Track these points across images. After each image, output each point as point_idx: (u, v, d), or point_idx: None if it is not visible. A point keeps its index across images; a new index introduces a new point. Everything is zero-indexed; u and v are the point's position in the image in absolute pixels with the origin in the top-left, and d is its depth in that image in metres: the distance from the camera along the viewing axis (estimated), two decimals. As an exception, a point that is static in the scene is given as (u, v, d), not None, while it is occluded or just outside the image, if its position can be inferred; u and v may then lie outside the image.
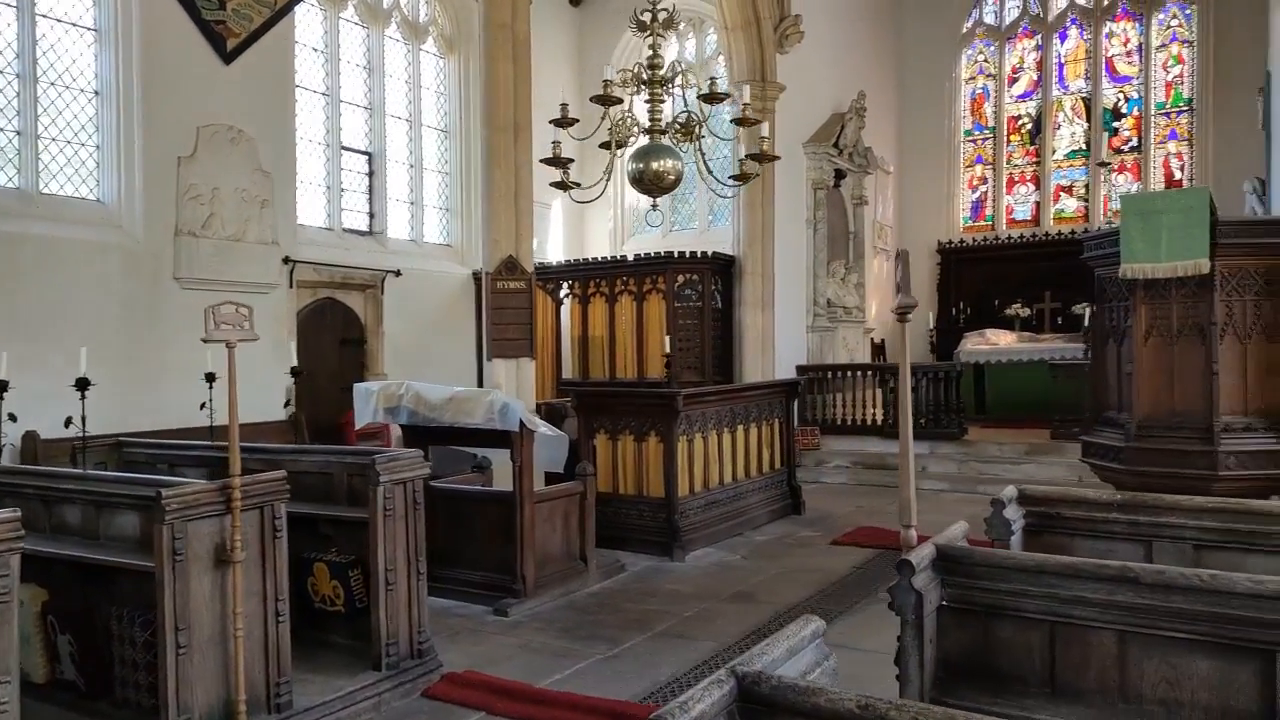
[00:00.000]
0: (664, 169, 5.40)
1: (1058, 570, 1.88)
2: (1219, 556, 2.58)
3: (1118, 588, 1.82)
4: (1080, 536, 2.79)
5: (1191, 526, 2.60)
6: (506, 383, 7.14)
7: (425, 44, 12.24)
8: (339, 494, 4.45)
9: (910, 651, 1.86)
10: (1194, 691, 1.77)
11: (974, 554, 2.01)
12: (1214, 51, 13.39)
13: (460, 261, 12.40)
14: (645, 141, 5.56)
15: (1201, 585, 1.75)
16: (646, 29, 5.73)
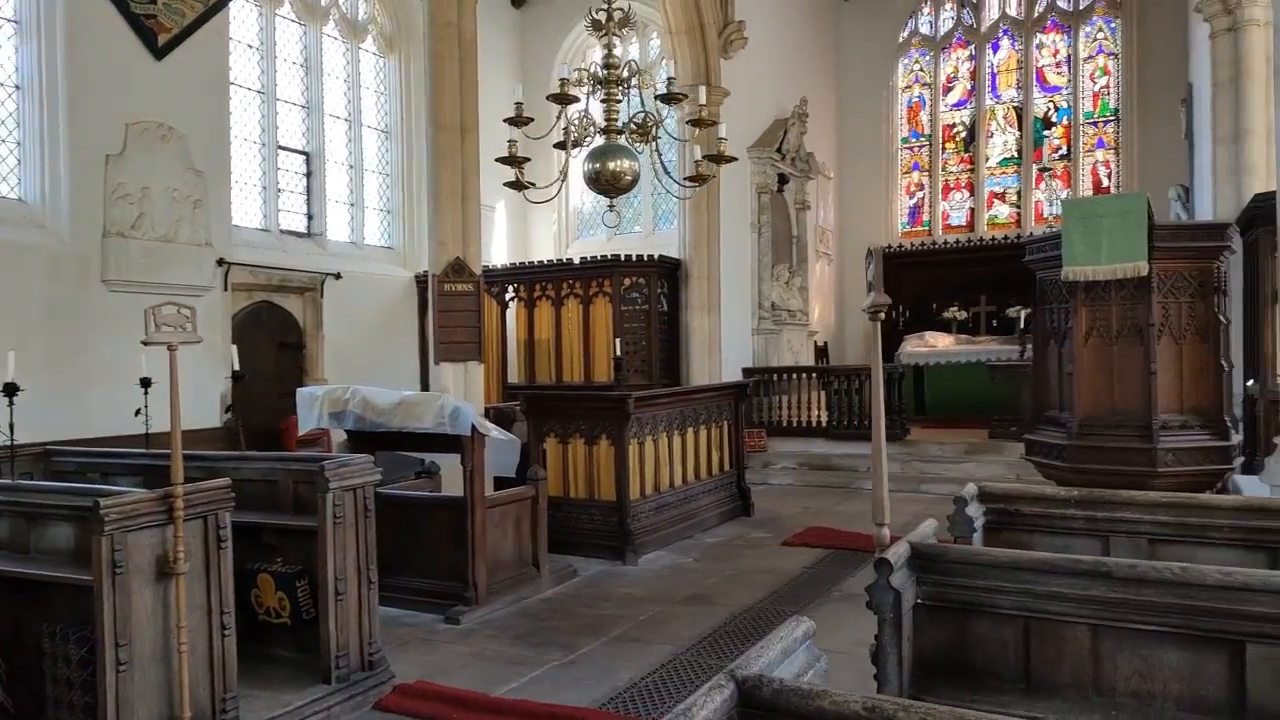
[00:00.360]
0: (621, 169, 5.37)
1: (1032, 566, 1.89)
2: (1172, 550, 2.64)
3: (1091, 582, 1.84)
4: (1039, 533, 2.83)
5: (1146, 521, 2.66)
6: (455, 386, 7.02)
7: (365, 43, 12.02)
8: (284, 502, 4.31)
9: (889, 650, 1.86)
10: (1165, 683, 1.80)
11: (948, 551, 2.02)
12: (1138, 63, 13.89)
13: (402, 264, 12.20)
14: (601, 141, 5.51)
15: (1173, 578, 1.78)
16: (601, 28, 5.69)
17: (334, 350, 10.71)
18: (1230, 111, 8.58)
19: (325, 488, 3.91)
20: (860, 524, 7.97)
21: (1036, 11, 14.86)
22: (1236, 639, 1.74)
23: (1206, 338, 5.06)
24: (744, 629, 5.11)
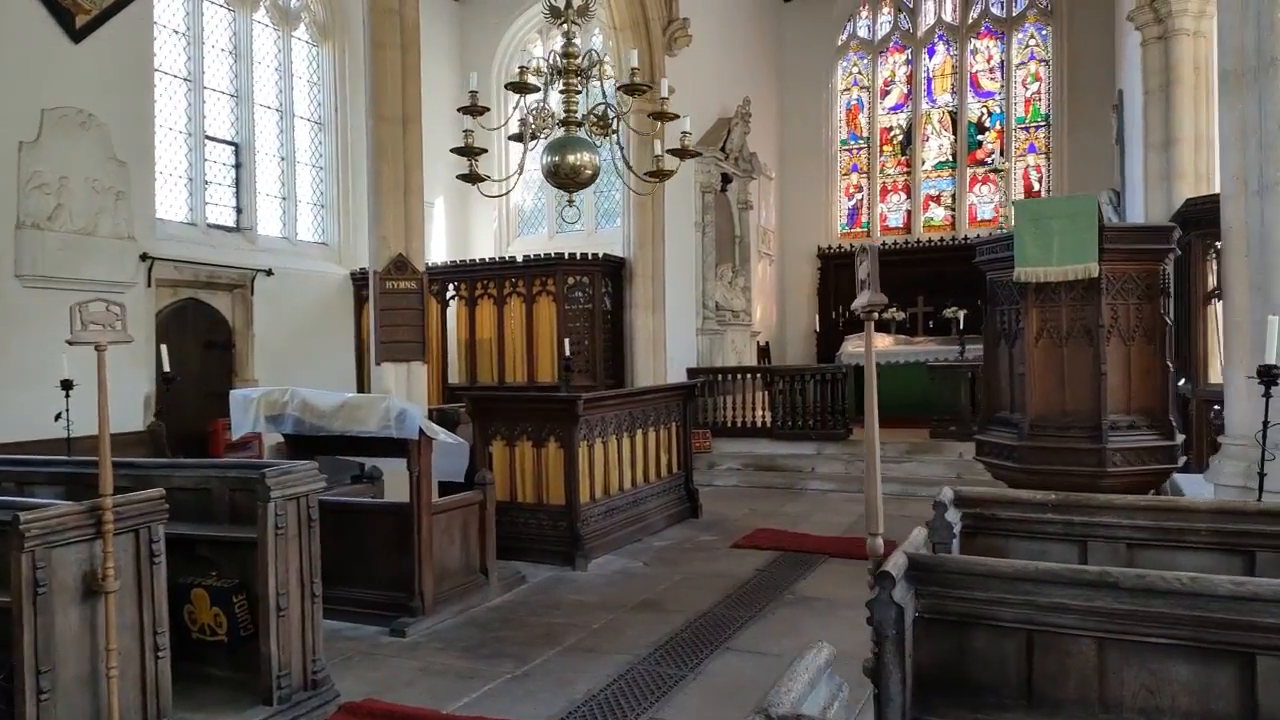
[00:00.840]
0: (581, 163, 5.21)
1: (1036, 576, 1.82)
2: (1150, 555, 2.62)
3: (1097, 593, 1.78)
4: (1015, 538, 2.78)
5: (1125, 526, 2.63)
6: (397, 387, 6.77)
7: (297, 31, 11.61)
8: (220, 512, 4.06)
9: (890, 668, 1.77)
10: (1174, 698, 1.75)
11: (947, 562, 1.94)
12: (1068, 70, 14.27)
13: (337, 260, 11.83)
14: (560, 134, 5.35)
15: (1182, 588, 1.72)
16: (560, 16, 5.52)
17: (265, 350, 10.31)
18: (1161, 118, 8.81)
19: (266, 497, 3.68)
20: (806, 525, 7.98)
21: (971, 18, 15.15)
22: (1247, 651, 1.69)
23: (1153, 339, 5.14)
24: (699, 636, 5.01)
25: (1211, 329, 7.38)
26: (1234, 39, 4.70)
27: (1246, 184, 4.63)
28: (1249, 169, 4.62)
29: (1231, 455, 4.68)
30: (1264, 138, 4.54)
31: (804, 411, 10.59)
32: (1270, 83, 4.50)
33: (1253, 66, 4.58)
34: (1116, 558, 2.67)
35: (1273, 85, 4.48)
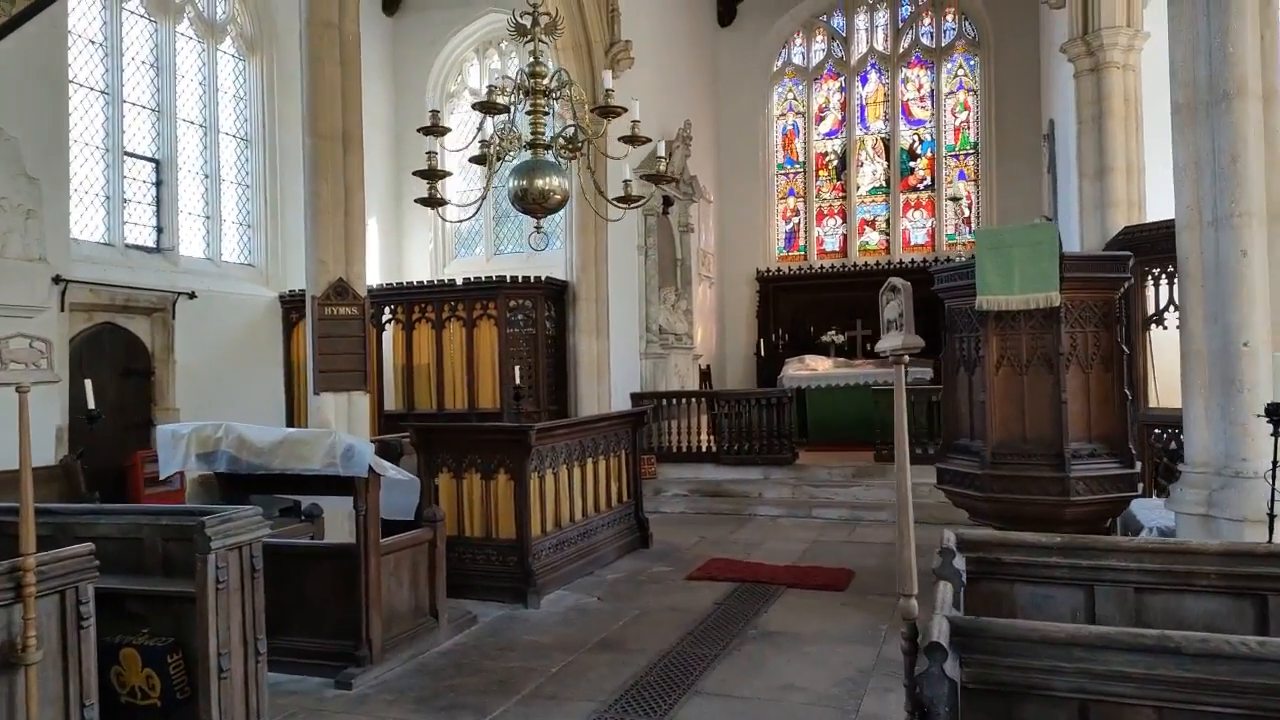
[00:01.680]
0: (549, 187, 5.00)
1: (1090, 642, 1.70)
2: (1159, 599, 2.54)
3: (1157, 659, 1.66)
4: (1021, 582, 2.68)
5: (1132, 569, 2.55)
6: (336, 418, 6.43)
7: (223, 44, 11.14)
8: (152, 563, 3.71)
9: (941, 748, 1.61)
10: (1241, 771, 1.64)
11: (993, 626, 1.80)
12: (995, 100, 14.66)
13: (264, 283, 11.34)
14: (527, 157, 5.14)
15: (1249, 653, 1.61)
16: (526, 33, 5.33)
17: (187, 378, 9.78)
18: (1094, 148, 9.04)
19: (206, 547, 3.36)
20: (759, 553, 7.86)
21: (902, 47, 15.48)
22: (1318, 719, 1.59)
23: (1110, 366, 5.19)
24: (665, 678, 4.81)
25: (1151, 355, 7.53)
26: (1185, 72, 4.77)
27: (1201, 215, 4.69)
28: (1203, 200, 4.69)
29: (1192, 483, 4.71)
30: (1217, 170, 4.61)
31: (750, 436, 10.51)
32: (1223, 117, 4.58)
33: (1205, 101, 4.66)
34: (1124, 603, 2.58)
35: (1226, 119, 4.56)
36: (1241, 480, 4.50)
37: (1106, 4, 8.84)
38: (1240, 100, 4.53)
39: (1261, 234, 4.54)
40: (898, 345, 1.65)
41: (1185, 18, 4.75)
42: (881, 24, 15.57)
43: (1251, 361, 4.50)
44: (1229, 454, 4.56)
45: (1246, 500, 4.45)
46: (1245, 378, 4.50)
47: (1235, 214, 4.53)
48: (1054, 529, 5.23)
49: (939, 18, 15.27)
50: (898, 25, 15.47)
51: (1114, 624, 2.51)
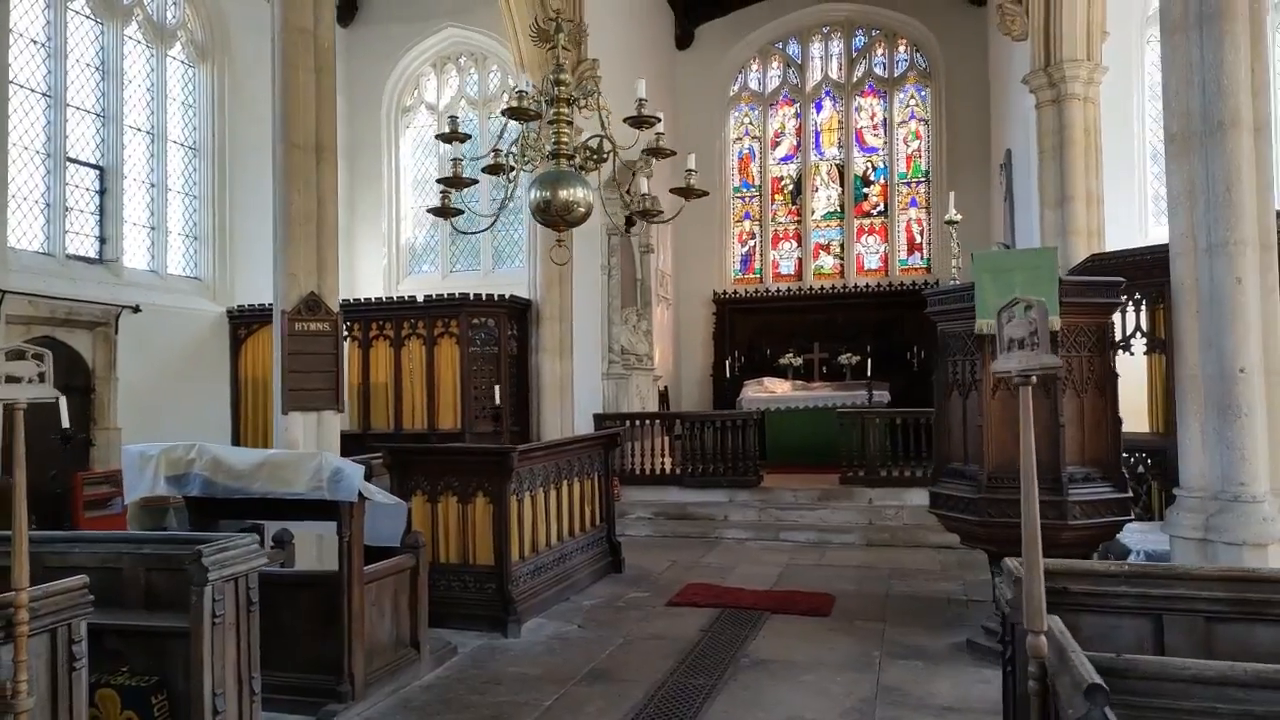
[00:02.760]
0: (573, 199, 4.82)
1: (1245, 680, 1.61)
2: (1231, 629, 2.49)
3: (1314, 696, 1.58)
4: (1087, 612, 2.61)
5: (1202, 598, 2.49)
6: (306, 439, 6.12)
7: (173, 49, 10.73)
8: (133, 596, 3.42)
9: (1099, 797, 1.50)
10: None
11: (1140, 665, 1.71)
12: (946, 129, 14.98)
13: (211, 298, 10.89)
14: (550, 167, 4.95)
15: None
16: (549, 39, 5.15)
17: (130, 395, 9.29)
18: (1055, 178, 9.27)
19: (202, 579, 3.09)
20: (734, 578, 7.74)
21: (856, 76, 15.74)
22: None
23: (1104, 390, 5.23)
24: (665, 711, 4.63)
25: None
26: (1179, 102, 4.87)
27: (1196, 242, 4.77)
28: (1197, 228, 4.76)
29: (1189, 507, 4.75)
30: (1212, 198, 4.69)
31: (715, 458, 10.41)
32: (1218, 146, 4.67)
33: (1199, 130, 4.75)
34: (1194, 633, 2.53)
35: (1221, 149, 4.65)
36: (1240, 504, 4.55)
37: (1068, 38, 9.10)
38: (1235, 130, 4.62)
39: (1255, 261, 4.63)
40: (1033, 365, 1.53)
41: (1179, 49, 4.85)
42: (836, 53, 15.83)
43: (1247, 387, 4.57)
44: (1226, 478, 4.61)
45: (1246, 525, 4.50)
46: (1242, 403, 4.57)
47: (1231, 242, 4.61)
48: (1050, 553, 5.24)
49: (891, 49, 15.59)
50: (851, 55, 15.74)
51: (1185, 654, 2.44)
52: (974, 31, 14.56)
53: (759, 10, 15.58)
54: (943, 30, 14.90)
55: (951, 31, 14.82)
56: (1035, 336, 1.80)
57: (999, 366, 1.90)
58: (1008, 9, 9.52)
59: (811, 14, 15.64)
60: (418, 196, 13.75)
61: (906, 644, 5.73)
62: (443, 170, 13.41)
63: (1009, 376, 1.85)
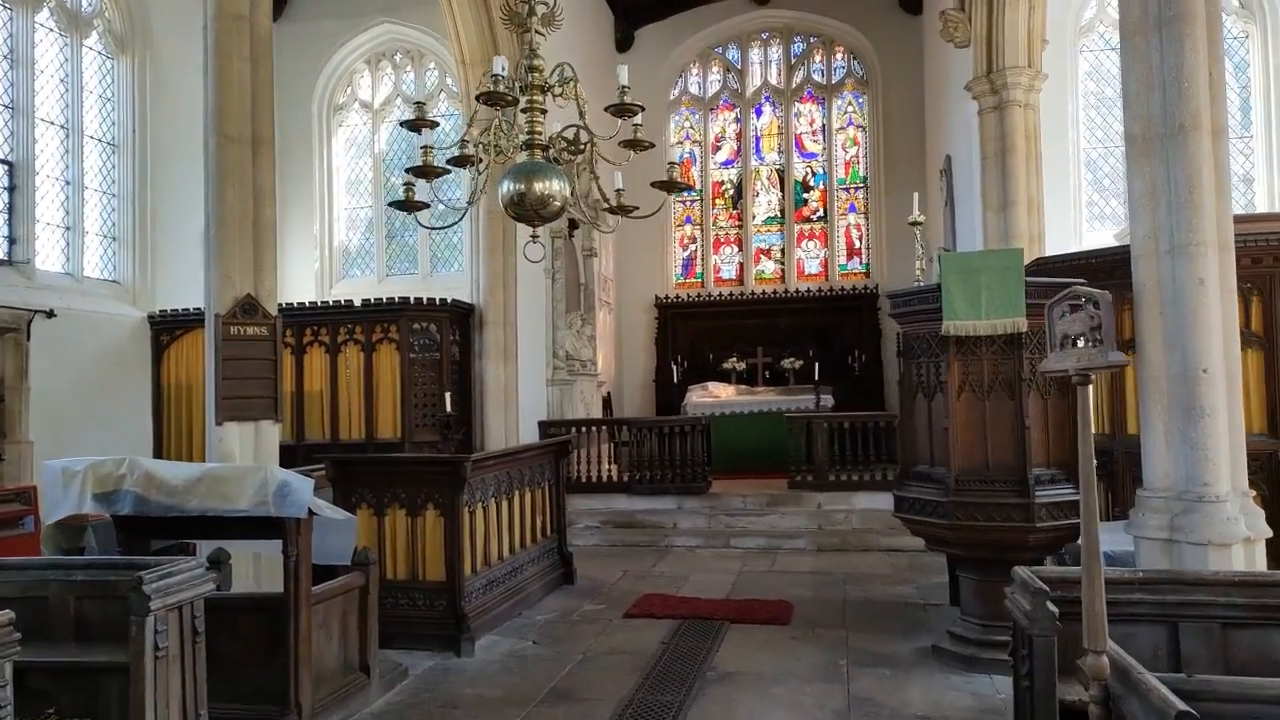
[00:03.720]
0: (549, 192, 4.57)
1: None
2: (1248, 635, 2.42)
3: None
4: (1100, 620, 2.49)
5: (1219, 604, 2.42)
6: (242, 451, 5.76)
7: (89, 39, 10.15)
8: (60, 628, 3.08)
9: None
10: None
11: (1216, 687, 1.59)
12: (883, 136, 15.15)
13: (131, 302, 10.31)
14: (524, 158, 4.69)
15: None
16: (522, 23, 4.89)
17: (43, 406, 8.72)
18: (998, 183, 9.39)
19: (144, 608, 2.79)
20: (689, 587, 7.58)
21: (795, 83, 15.82)
22: None
23: (1066, 392, 5.21)
24: (636, 728, 4.45)
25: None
26: (1139, 105, 4.88)
27: (1158, 244, 4.79)
28: (1159, 230, 4.78)
29: (1153, 508, 4.75)
30: (1174, 200, 4.71)
31: (661, 465, 10.26)
32: (1179, 149, 4.69)
33: (1160, 133, 4.77)
34: (1211, 639, 2.45)
35: (1182, 151, 4.68)
36: (1204, 504, 4.56)
37: (1010, 45, 9.24)
38: (1195, 134, 4.65)
39: (1216, 263, 4.67)
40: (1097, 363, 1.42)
41: (1139, 51, 4.87)
42: (775, 59, 15.89)
43: (1211, 387, 4.59)
44: (1191, 478, 4.63)
45: (1210, 524, 4.52)
46: (1205, 403, 4.59)
47: (1193, 243, 4.63)
48: (1017, 555, 5.21)
49: (829, 56, 15.71)
50: (790, 61, 15.82)
51: (1202, 662, 2.36)
52: (910, 40, 14.78)
53: (699, 15, 15.55)
54: (879, 39, 15.07)
55: (888, 40, 15.01)
56: (1098, 332, 1.68)
57: (1052, 366, 1.77)
58: (951, 16, 9.62)
59: (751, 20, 15.67)
60: (351, 197, 13.31)
61: (871, 651, 5.64)
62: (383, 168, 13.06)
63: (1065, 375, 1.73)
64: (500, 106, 4.51)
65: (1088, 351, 1.67)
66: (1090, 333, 1.70)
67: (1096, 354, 1.67)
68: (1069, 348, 1.75)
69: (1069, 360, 1.73)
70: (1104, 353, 1.66)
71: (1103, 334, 1.69)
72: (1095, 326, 1.68)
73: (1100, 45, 11.28)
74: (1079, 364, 1.69)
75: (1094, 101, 11.26)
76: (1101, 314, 1.69)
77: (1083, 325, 1.71)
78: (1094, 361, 1.69)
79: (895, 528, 9.32)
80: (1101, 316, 1.69)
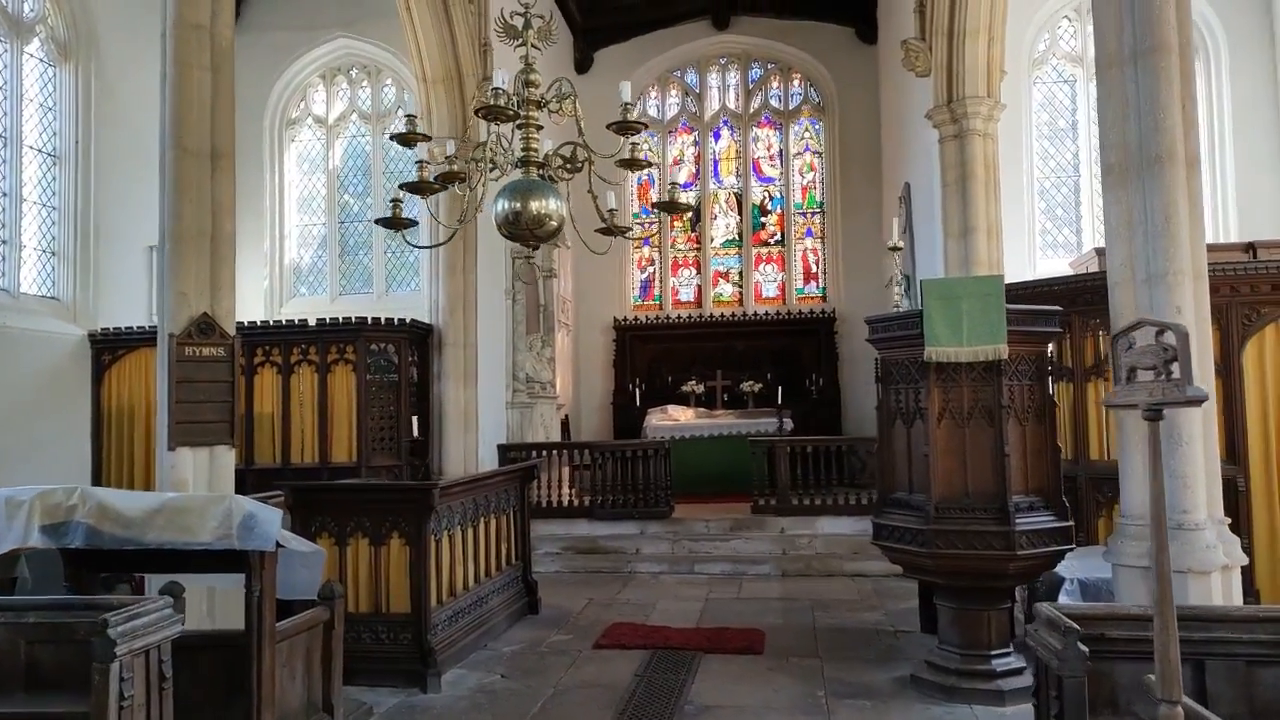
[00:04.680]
0: (545, 211, 4.41)
1: None
2: (1273, 672, 2.37)
3: None
4: (1122, 659, 2.44)
5: (1244, 641, 2.38)
6: (196, 478, 5.47)
7: (30, 46, 9.74)
8: (8, 676, 2.83)
9: None
10: None
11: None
12: (839, 162, 15.33)
13: (71, 319, 9.85)
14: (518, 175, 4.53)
15: None
16: (517, 36, 4.74)
17: (-26, 428, 8.25)
18: (959, 210, 9.50)
19: (108, 654, 2.57)
20: (656, 615, 7.44)
21: (752, 108, 15.94)
22: None
23: (1043, 419, 5.23)
24: (617, 768, 4.28)
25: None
26: (1115, 135, 4.94)
27: (1135, 272, 4.83)
28: (1136, 258, 4.83)
29: (1132, 535, 4.76)
30: (1150, 230, 4.76)
31: (624, 489, 10.11)
32: (1155, 180, 4.75)
33: (1136, 163, 4.83)
34: (1235, 677, 2.41)
35: (1159, 182, 4.73)
36: (1184, 532, 4.58)
37: (970, 75, 9.38)
38: (1171, 165, 4.71)
39: (1191, 291, 4.72)
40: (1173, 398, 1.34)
41: (1114, 83, 4.93)
42: (733, 84, 15.99)
43: (1189, 416, 4.63)
44: (1170, 506, 4.63)
45: (1190, 552, 4.53)
46: (1184, 431, 4.62)
47: (1170, 272, 4.68)
48: (997, 584, 5.19)
49: (786, 83, 15.87)
50: (748, 86, 15.94)
51: (1226, 700, 2.31)
52: (865, 69, 15.01)
53: (658, 38, 15.59)
54: (835, 67, 15.28)
55: (844, 69, 15.22)
56: (1170, 366, 1.61)
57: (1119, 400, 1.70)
58: (912, 46, 9.75)
59: (710, 45, 15.77)
60: (303, 214, 12.99)
61: (848, 681, 5.56)
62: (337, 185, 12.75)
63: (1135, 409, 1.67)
64: (500, 121, 4.35)
65: (1161, 385, 1.60)
66: (1163, 366, 1.63)
67: (1173, 389, 1.60)
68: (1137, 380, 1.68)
69: (1139, 394, 1.66)
70: (1181, 387, 1.59)
71: (1178, 367, 1.62)
72: (1169, 360, 1.62)
73: (1052, 78, 11.56)
74: (1151, 399, 1.62)
75: (1046, 132, 11.52)
76: (1177, 346, 1.63)
77: (1154, 358, 1.65)
78: (1170, 396, 1.63)
79: (859, 553, 9.34)
80: (1177, 349, 1.62)
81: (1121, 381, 1.72)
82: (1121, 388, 1.74)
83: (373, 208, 12.50)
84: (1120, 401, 1.77)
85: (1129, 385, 1.71)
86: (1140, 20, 4.80)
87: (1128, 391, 1.72)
